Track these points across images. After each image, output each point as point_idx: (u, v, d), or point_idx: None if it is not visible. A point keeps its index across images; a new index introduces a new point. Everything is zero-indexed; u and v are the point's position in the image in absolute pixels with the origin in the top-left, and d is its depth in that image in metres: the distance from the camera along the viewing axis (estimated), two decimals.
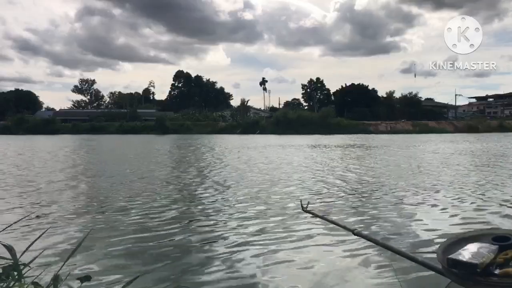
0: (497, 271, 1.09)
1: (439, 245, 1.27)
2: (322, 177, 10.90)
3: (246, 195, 8.09)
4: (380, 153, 20.42)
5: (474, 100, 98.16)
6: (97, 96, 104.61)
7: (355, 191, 8.59)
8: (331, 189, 8.86)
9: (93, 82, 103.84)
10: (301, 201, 2.24)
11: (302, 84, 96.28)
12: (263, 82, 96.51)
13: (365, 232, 1.85)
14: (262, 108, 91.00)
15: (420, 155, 18.98)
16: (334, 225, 1.65)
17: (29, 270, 1.42)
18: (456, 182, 9.71)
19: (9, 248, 1.33)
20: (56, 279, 1.30)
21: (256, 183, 9.84)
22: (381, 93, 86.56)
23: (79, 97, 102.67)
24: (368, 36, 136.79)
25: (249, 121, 67.02)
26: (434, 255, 1.25)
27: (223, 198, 7.86)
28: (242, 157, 18.13)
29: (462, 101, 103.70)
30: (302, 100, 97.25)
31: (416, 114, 71.22)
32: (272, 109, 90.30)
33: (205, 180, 10.55)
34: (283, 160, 16.47)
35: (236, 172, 12.30)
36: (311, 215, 2.26)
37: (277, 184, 9.54)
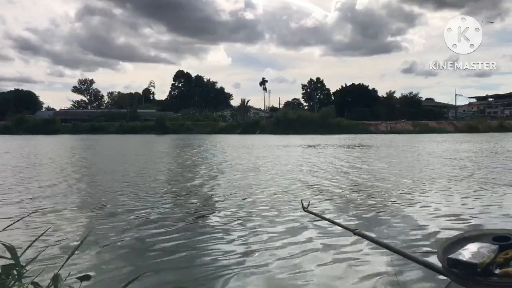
0: (497, 271, 1.09)
1: (439, 244, 1.27)
2: (322, 177, 10.90)
3: (247, 195, 8.09)
4: (381, 153, 20.42)
5: (474, 100, 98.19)
6: (96, 96, 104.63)
7: (356, 191, 8.58)
8: (332, 189, 8.85)
9: (92, 82, 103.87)
10: (301, 201, 2.24)
11: (302, 84, 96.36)
12: (263, 82, 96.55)
13: (366, 232, 1.85)
14: (262, 108, 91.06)
15: (420, 155, 18.97)
16: (335, 225, 1.65)
17: (29, 270, 1.41)
18: (457, 182, 9.71)
19: (9, 248, 1.33)
20: (56, 279, 1.30)
21: (257, 182, 9.84)
22: (382, 93, 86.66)
23: (79, 97, 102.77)
24: (369, 35, 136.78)
25: (249, 121, 67.05)
26: (435, 255, 1.25)
27: (224, 198, 7.86)
28: (242, 157, 18.13)
29: (462, 101, 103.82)
30: (302, 100, 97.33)
31: (416, 114, 71.22)
32: (272, 109, 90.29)
33: (205, 180, 10.55)
34: (284, 160, 16.47)
35: (237, 172, 12.29)
36: (311, 214, 2.26)
37: (277, 184, 9.54)
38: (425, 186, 9.12)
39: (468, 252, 1.12)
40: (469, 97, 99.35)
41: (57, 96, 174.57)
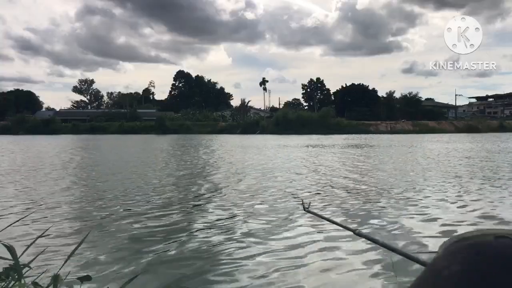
0: None
1: (440, 245, 1.27)
2: (323, 177, 10.89)
3: (248, 195, 8.08)
4: (381, 153, 20.41)
5: (474, 100, 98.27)
6: (96, 96, 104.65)
7: (357, 191, 8.58)
8: (333, 189, 8.85)
9: (92, 82, 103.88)
10: (302, 201, 2.24)
11: (302, 84, 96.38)
12: (263, 82, 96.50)
13: (366, 232, 1.85)
14: (262, 108, 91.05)
15: (420, 155, 18.96)
16: (336, 225, 1.65)
17: (29, 270, 1.41)
18: (457, 181, 9.69)
19: (9, 248, 1.32)
20: (56, 279, 1.29)
21: (258, 183, 9.83)
22: (382, 93, 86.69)
23: (79, 97, 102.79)
24: (369, 35, 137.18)
25: (249, 121, 67.09)
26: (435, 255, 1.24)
27: (225, 199, 7.85)
28: (242, 157, 18.12)
29: (462, 101, 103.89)
30: (302, 100, 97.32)
31: (416, 114, 71.22)
32: (272, 109, 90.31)
33: (206, 180, 10.54)
34: (284, 160, 16.46)
35: (238, 172, 12.28)
36: (312, 215, 2.25)
37: (278, 184, 9.53)
38: (425, 186, 9.11)
39: None
40: (469, 97, 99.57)
41: (57, 96, 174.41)
